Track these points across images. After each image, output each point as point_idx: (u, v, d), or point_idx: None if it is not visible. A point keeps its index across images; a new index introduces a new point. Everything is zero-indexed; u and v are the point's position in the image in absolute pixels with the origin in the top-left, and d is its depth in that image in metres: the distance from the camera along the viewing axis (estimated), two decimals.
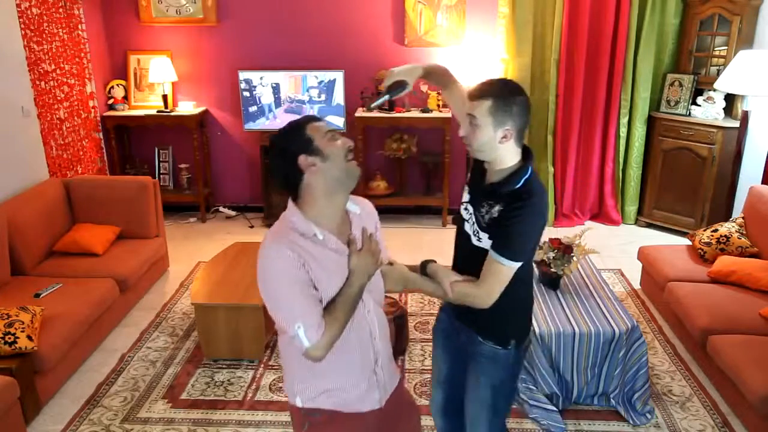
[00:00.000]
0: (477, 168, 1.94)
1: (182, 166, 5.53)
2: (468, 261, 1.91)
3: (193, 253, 4.79)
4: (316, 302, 1.55)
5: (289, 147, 1.59)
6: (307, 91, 5.12)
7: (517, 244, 1.79)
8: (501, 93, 1.77)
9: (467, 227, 1.91)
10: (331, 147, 1.59)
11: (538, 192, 1.81)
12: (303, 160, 1.57)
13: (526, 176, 1.81)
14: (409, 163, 5.39)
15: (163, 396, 3.14)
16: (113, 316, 3.74)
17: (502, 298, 1.82)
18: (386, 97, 1.98)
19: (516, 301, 1.93)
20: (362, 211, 1.76)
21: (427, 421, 2.54)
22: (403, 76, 1.96)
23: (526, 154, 1.86)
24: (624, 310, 3.05)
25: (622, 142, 5.18)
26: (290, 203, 1.65)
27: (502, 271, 1.79)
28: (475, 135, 1.80)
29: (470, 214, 1.90)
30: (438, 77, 2.11)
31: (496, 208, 1.81)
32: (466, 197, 1.96)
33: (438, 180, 5.31)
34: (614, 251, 4.72)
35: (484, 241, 1.84)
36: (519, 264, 1.79)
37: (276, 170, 1.64)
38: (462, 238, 1.96)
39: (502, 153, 1.81)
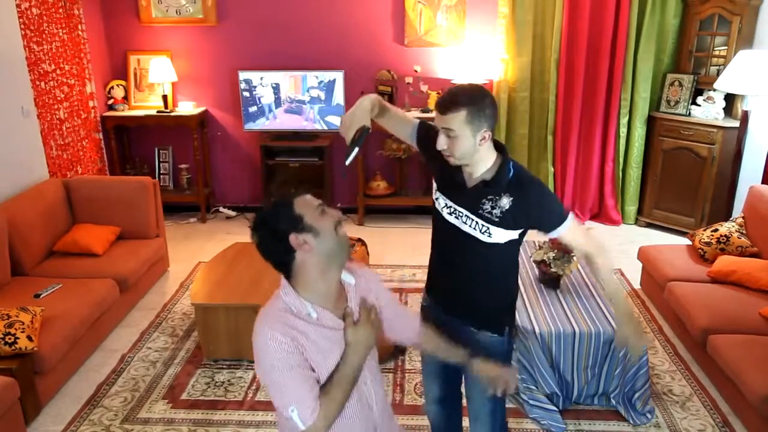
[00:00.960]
0: (447, 173, 1.94)
1: (182, 166, 5.53)
2: (475, 258, 1.95)
3: (193, 253, 4.79)
4: (312, 384, 1.49)
5: (278, 226, 1.53)
6: (307, 91, 5.12)
7: (558, 204, 1.96)
8: (472, 100, 1.78)
9: (466, 229, 1.92)
10: (322, 222, 1.54)
11: (528, 171, 1.97)
12: (294, 239, 1.52)
13: (510, 164, 1.90)
14: (409, 163, 5.39)
15: (163, 396, 3.14)
16: (113, 317, 3.74)
17: (498, 286, 1.96)
18: (356, 149, 1.84)
19: (509, 288, 2.08)
20: (359, 279, 1.71)
21: None
22: (361, 122, 1.85)
23: (498, 145, 1.93)
24: None
25: (622, 142, 5.18)
26: (283, 281, 1.60)
27: (575, 227, 1.94)
28: (456, 146, 1.81)
29: (466, 216, 1.91)
30: (380, 108, 2.02)
31: (505, 200, 1.85)
32: (446, 202, 1.96)
33: None
34: (614, 251, 4.72)
35: (497, 235, 1.89)
36: (570, 213, 1.95)
37: (266, 251, 1.57)
38: (460, 241, 1.95)
39: (483, 153, 1.86)
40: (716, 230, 3.80)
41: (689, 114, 4.83)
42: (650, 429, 2.89)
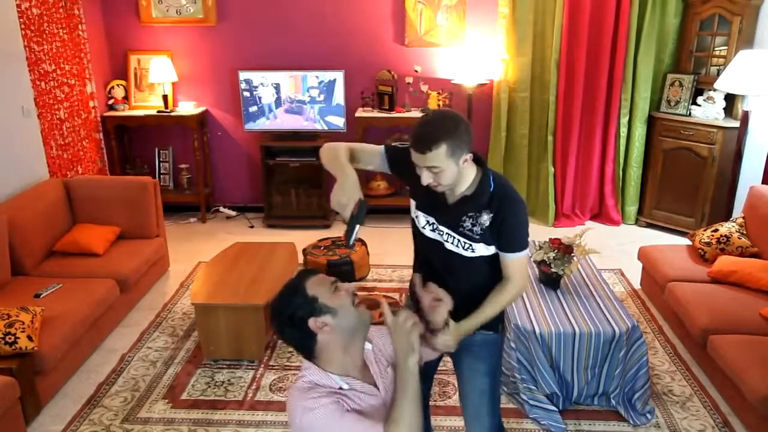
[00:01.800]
0: (427, 191, 1.89)
1: (182, 166, 5.53)
2: (464, 271, 1.95)
3: (193, 253, 4.79)
4: (372, 423, 1.45)
5: (295, 313, 1.50)
6: (308, 91, 5.12)
7: (525, 234, 1.91)
8: (449, 132, 1.73)
9: (449, 246, 1.92)
10: (338, 300, 1.52)
11: (510, 184, 1.94)
12: (313, 323, 1.49)
13: (492, 177, 1.88)
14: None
15: (163, 396, 3.14)
16: (113, 316, 3.74)
17: (489, 289, 1.94)
18: (358, 226, 1.72)
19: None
20: (375, 341, 1.69)
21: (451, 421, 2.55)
22: (354, 196, 1.73)
23: (476, 159, 1.89)
24: (624, 310, 3.05)
25: (623, 142, 5.18)
26: (305, 362, 1.56)
27: (524, 261, 1.92)
28: (442, 178, 1.78)
29: (448, 234, 1.91)
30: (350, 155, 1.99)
31: (485, 216, 1.85)
32: (427, 219, 1.94)
33: None
34: (614, 251, 4.72)
35: (480, 250, 1.89)
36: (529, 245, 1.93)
37: (287, 339, 1.54)
38: (444, 257, 1.94)
39: (465, 172, 1.85)
40: (716, 230, 3.80)
41: (689, 114, 4.83)
42: (650, 429, 2.89)
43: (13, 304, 3.06)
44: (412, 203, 2.01)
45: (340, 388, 1.51)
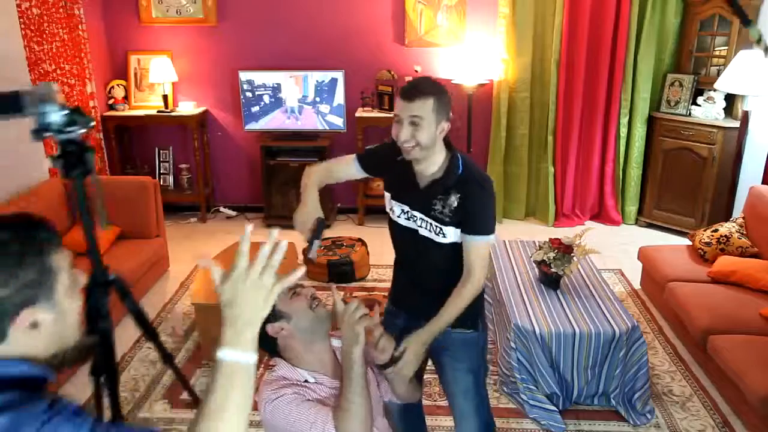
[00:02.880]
0: (400, 178, 1.97)
1: (182, 166, 5.53)
2: (436, 260, 1.97)
3: (193, 253, 4.79)
4: (329, 409, 1.50)
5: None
6: (308, 91, 5.12)
7: (491, 219, 1.92)
8: (438, 90, 1.83)
9: (423, 232, 1.94)
10: (293, 305, 1.57)
11: (478, 168, 1.97)
12: (270, 328, 1.55)
13: (461, 160, 1.92)
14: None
15: (163, 396, 3.14)
16: (113, 316, 3.72)
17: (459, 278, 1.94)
18: (317, 241, 1.84)
19: None
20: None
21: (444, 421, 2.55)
22: (314, 215, 1.89)
23: (446, 143, 1.94)
24: (624, 310, 3.05)
25: (623, 142, 5.18)
26: (275, 358, 1.64)
27: (486, 248, 1.92)
28: (421, 134, 1.82)
29: (421, 219, 1.94)
30: (323, 176, 2.09)
31: (453, 198, 1.88)
32: (401, 208, 1.99)
33: None
34: (614, 251, 4.72)
35: (450, 235, 1.91)
36: (494, 236, 1.91)
37: None
38: (419, 246, 1.96)
39: (437, 148, 1.89)
40: (716, 230, 3.80)
41: (689, 114, 4.82)
42: (650, 429, 2.89)
43: None
44: (387, 196, 2.07)
45: (306, 381, 1.56)
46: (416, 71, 5.12)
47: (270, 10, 5.15)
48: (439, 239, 1.92)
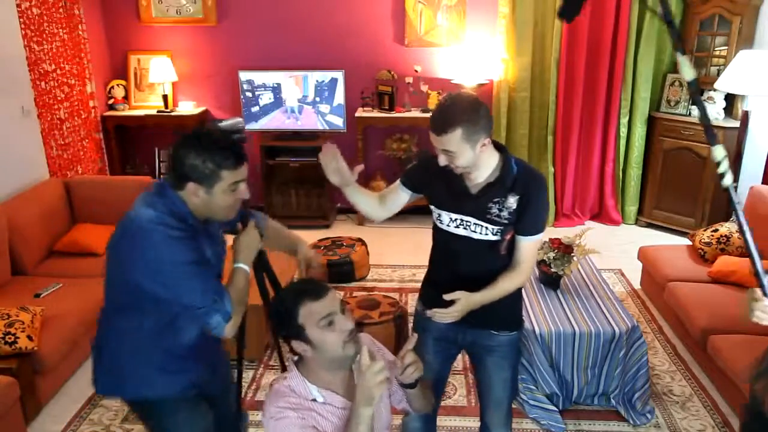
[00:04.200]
0: (448, 188, 1.94)
1: None
2: (493, 261, 1.97)
3: None
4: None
5: (280, 331, 1.52)
6: (308, 91, 5.12)
7: (544, 217, 1.96)
8: (466, 116, 1.76)
9: (477, 237, 1.93)
10: (326, 337, 1.49)
11: (531, 166, 2.00)
12: (297, 345, 1.51)
13: (514, 160, 1.91)
14: (409, 163, 5.39)
15: None
16: None
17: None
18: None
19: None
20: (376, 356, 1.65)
21: None
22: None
23: (497, 146, 1.94)
24: (624, 310, 3.05)
25: (623, 142, 5.18)
26: (290, 364, 1.59)
27: (537, 245, 1.99)
28: (457, 161, 1.81)
29: (475, 224, 1.92)
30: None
31: (511, 199, 1.87)
32: (450, 216, 1.96)
33: None
34: (614, 251, 4.72)
35: (507, 235, 1.92)
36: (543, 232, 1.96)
37: (277, 335, 1.58)
38: (473, 251, 1.95)
39: (484, 158, 1.87)
40: (716, 230, 3.80)
41: (689, 114, 4.82)
42: (650, 429, 2.89)
43: (13, 304, 3.06)
44: (433, 208, 2.03)
45: (314, 400, 1.52)
46: (416, 71, 5.12)
47: (270, 10, 5.15)
48: (495, 238, 1.92)
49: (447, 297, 1.82)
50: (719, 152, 1.44)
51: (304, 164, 5.21)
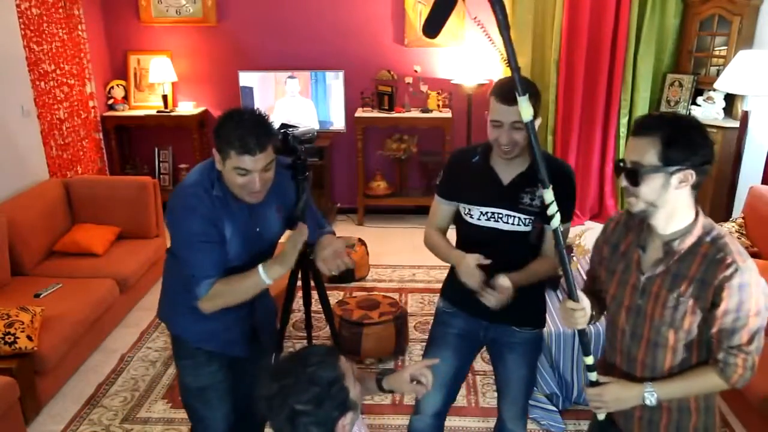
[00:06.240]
0: (478, 183, 1.96)
1: (182, 166, 5.52)
2: (522, 252, 1.98)
3: None
4: None
5: (328, 413, 1.20)
6: (308, 91, 5.12)
7: (572, 207, 2.00)
8: (533, 87, 1.80)
9: (508, 228, 1.95)
10: (357, 389, 1.27)
11: (557, 158, 2.03)
12: (341, 425, 1.22)
13: (544, 150, 1.91)
14: (409, 163, 5.39)
15: (163, 396, 3.14)
16: (113, 316, 3.73)
17: (538, 285, 2.02)
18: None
19: (542, 284, 2.11)
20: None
21: None
22: (473, 262, 1.90)
23: None
24: None
25: (622, 142, 5.18)
26: None
27: (566, 235, 1.98)
28: (518, 136, 1.84)
29: (507, 215, 1.94)
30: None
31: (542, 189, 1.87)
32: (481, 210, 1.97)
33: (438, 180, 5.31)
34: None
35: (531, 224, 1.94)
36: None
37: None
38: (504, 243, 1.96)
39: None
40: None
41: (689, 114, 4.83)
42: None
43: (13, 304, 3.06)
44: (461, 206, 2.04)
45: None
46: (416, 71, 5.12)
47: (270, 10, 5.15)
48: (526, 229, 1.94)
49: (495, 281, 1.83)
50: (548, 196, 1.48)
51: None
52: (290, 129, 2.20)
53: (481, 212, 1.98)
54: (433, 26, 1.62)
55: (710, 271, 1.47)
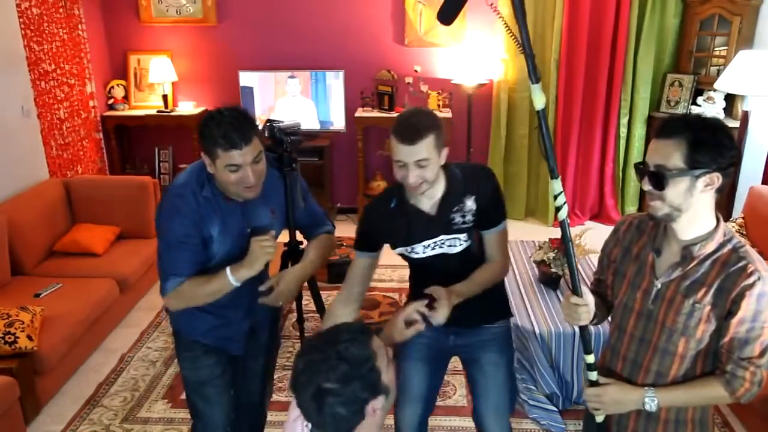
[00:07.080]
0: (408, 225, 1.92)
1: (182, 166, 5.52)
2: (473, 261, 1.95)
3: None
4: None
5: (356, 393, 1.13)
6: (308, 90, 5.12)
7: (503, 204, 1.96)
8: (433, 123, 1.77)
9: (453, 251, 1.92)
10: (391, 374, 1.21)
11: (468, 162, 1.98)
12: (371, 407, 1.15)
13: (452, 167, 1.91)
14: None
15: (163, 396, 3.14)
16: (113, 316, 3.74)
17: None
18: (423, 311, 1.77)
19: None
20: None
21: None
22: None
23: None
24: None
25: (622, 142, 5.18)
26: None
27: (505, 234, 1.96)
28: (428, 172, 1.77)
29: (447, 239, 1.91)
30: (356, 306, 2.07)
31: (468, 202, 1.88)
32: (423, 244, 1.93)
33: None
34: None
35: (475, 235, 1.93)
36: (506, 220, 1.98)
37: (321, 417, 1.15)
38: (452, 263, 1.93)
39: (439, 168, 1.85)
40: None
41: (689, 114, 4.82)
42: None
43: (13, 304, 3.06)
44: (398, 248, 2.00)
45: None
46: (416, 71, 5.12)
47: (270, 10, 5.15)
48: (467, 244, 1.92)
49: (426, 291, 1.77)
50: (557, 186, 1.48)
51: (304, 164, 5.14)
52: (275, 123, 2.20)
53: (424, 246, 1.94)
54: (447, 14, 1.62)
55: (730, 279, 1.44)
